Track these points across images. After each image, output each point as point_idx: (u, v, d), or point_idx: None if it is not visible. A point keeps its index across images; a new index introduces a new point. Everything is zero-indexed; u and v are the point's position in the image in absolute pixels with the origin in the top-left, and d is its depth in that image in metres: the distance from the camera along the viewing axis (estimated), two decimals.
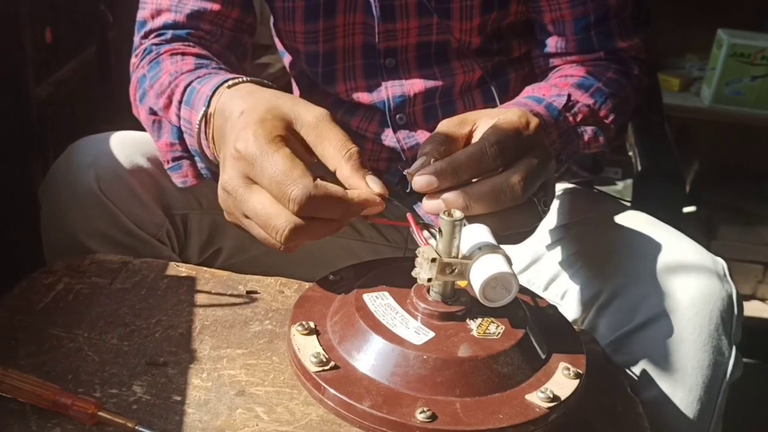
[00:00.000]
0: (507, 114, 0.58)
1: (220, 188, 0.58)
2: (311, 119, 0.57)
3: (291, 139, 0.57)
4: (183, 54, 0.78)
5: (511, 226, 0.56)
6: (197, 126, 0.67)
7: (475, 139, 0.58)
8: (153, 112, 0.75)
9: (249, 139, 0.55)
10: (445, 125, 0.59)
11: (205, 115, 0.66)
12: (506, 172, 0.55)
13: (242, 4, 0.84)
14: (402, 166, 0.89)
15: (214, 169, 0.70)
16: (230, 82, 0.65)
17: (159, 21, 0.82)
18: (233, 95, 0.63)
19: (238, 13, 0.84)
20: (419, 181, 0.55)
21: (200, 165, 0.72)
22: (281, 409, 0.54)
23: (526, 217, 0.57)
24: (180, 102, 0.70)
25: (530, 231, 0.60)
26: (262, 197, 0.54)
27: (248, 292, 0.67)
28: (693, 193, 1.88)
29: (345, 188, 0.55)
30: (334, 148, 0.56)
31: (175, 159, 0.74)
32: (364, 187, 0.55)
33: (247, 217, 0.56)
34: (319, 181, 0.54)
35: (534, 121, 0.58)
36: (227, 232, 0.88)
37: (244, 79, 0.66)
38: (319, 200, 0.53)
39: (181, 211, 0.83)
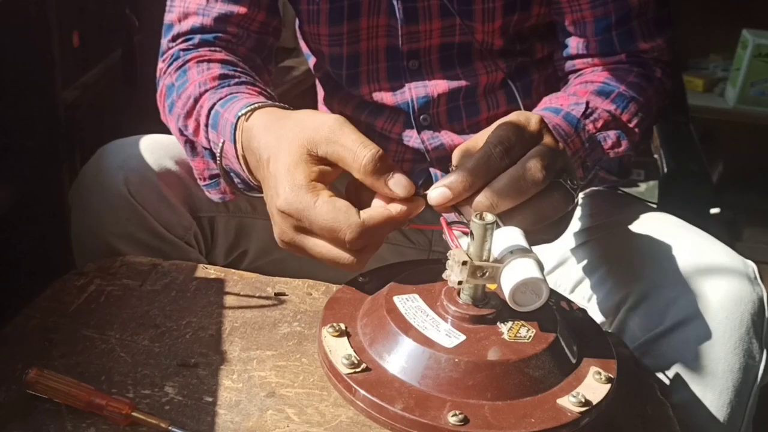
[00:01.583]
0: (506, 117, 0.58)
1: (278, 239, 0.59)
2: (322, 137, 0.56)
3: (320, 170, 0.57)
4: (209, 61, 0.78)
5: (545, 213, 0.55)
6: (235, 154, 0.67)
7: None
8: (183, 134, 0.76)
9: (288, 196, 0.56)
10: (459, 152, 0.59)
11: (235, 149, 0.67)
12: (519, 161, 0.54)
13: (268, 7, 0.85)
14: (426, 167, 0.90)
15: (251, 183, 0.70)
16: (244, 111, 0.65)
17: (186, 24, 0.83)
18: (253, 133, 0.63)
19: (264, 16, 0.84)
20: (434, 195, 0.55)
21: (237, 180, 0.72)
22: (311, 411, 0.54)
23: (557, 199, 0.55)
24: (207, 126, 0.71)
25: (568, 218, 0.59)
26: (320, 242, 0.56)
27: (276, 294, 0.68)
28: (717, 194, 1.86)
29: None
30: (350, 161, 0.55)
31: (212, 177, 0.75)
32: (389, 193, 0.55)
33: (313, 256, 0.58)
34: (363, 214, 0.54)
35: (535, 118, 0.57)
36: (253, 235, 0.88)
37: (257, 105, 0.66)
38: (370, 229, 0.54)
39: (208, 214, 0.84)
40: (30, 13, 1.03)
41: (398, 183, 0.55)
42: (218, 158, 0.70)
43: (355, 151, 0.55)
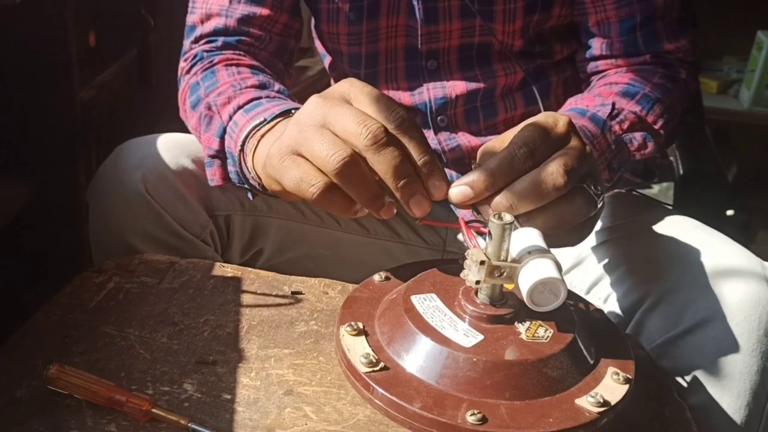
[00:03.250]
0: (533, 117, 0.58)
1: (315, 98, 0.56)
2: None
3: None
4: (238, 65, 0.79)
5: (566, 217, 0.54)
6: (245, 134, 0.67)
7: None
8: (209, 107, 0.75)
9: (347, 82, 0.56)
10: (484, 150, 0.58)
11: (268, 121, 0.66)
12: (543, 164, 0.54)
13: (291, 9, 0.85)
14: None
15: (242, 177, 0.70)
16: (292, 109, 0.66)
17: (209, 26, 0.83)
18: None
19: (286, 18, 0.85)
20: (454, 192, 0.54)
21: (230, 168, 0.73)
22: (329, 409, 0.54)
23: (579, 204, 0.55)
24: (240, 106, 0.71)
25: (590, 223, 0.58)
26: (356, 110, 0.53)
27: (293, 293, 0.68)
28: (731, 196, 1.85)
29: None
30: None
31: (210, 156, 0.75)
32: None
33: (321, 127, 0.54)
34: None
35: (563, 120, 0.57)
36: (268, 234, 0.89)
37: None
38: (416, 125, 0.53)
39: (224, 212, 0.85)
40: (47, 14, 1.04)
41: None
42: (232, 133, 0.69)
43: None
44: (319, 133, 0.54)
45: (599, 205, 0.56)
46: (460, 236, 0.94)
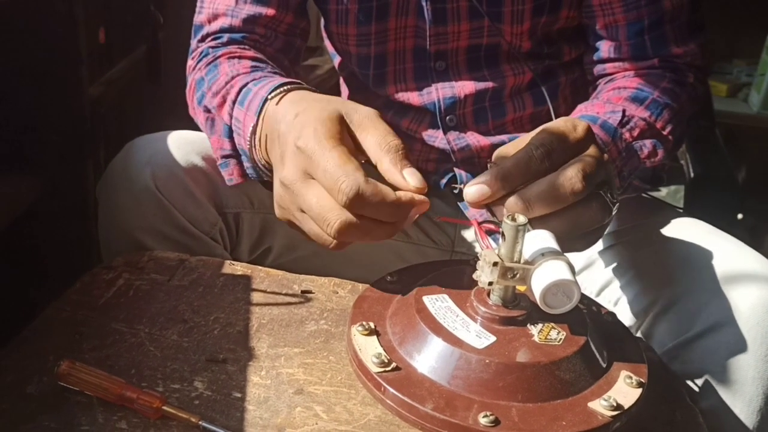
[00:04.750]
0: (553, 122, 0.57)
1: (277, 184, 0.59)
2: (359, 115, 0.58)
3: (347, 138, 0.58)
4: (240, 57, 0.79)
5: (581, 223, 0.54)
6: (251, 128, 0.67)
7: None
8: (208, 110, 0.76)
9: (309, 135, 0.56)
10: (500, 152, 0.58)
11: (259, 117, 0.67)
12: (561, 169, 0.54)
13: (296, 9, 0.85)
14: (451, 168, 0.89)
15: (259, 171, 0.70)
16: (283, 89, 0.66)
17: (216, 25, 0.83)
18: (285, 102, 0.64)
19: (292, 18, 0.85)
20: (470, 192, 0.55)
21: (246, 165, 0.73)
22: (339, 409, 0.54)
23: (595, 210, 0.55)
24: (234, 102, 0.71)
25: (601, 230, 0.58)
26: (318, 191, 0.55)
27: (303, 292, 0.68)
28: (740, 200, 1.84)
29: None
30: (375, 140, 0.56)
31: (223, 157, 0.75)
32: (401, 181, 0.55)
33: (301, 211, 0.57)
34: (370, 179, 0.54)
35: (582, 125, 0.57)
36: (277, 232, 0.88)
37: (293, 85, 0.67)
38: (368, 196, 0.53)
39: (234, 210, 0.84)
40: (57, 10, 1.04)
41: (412, 173, 0.55)
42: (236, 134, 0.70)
43: (381, 136, 0.56)
44: (300, 217, 0.58)
45: (613, 213, 0.56)
46: (468, 236, 0.94)
